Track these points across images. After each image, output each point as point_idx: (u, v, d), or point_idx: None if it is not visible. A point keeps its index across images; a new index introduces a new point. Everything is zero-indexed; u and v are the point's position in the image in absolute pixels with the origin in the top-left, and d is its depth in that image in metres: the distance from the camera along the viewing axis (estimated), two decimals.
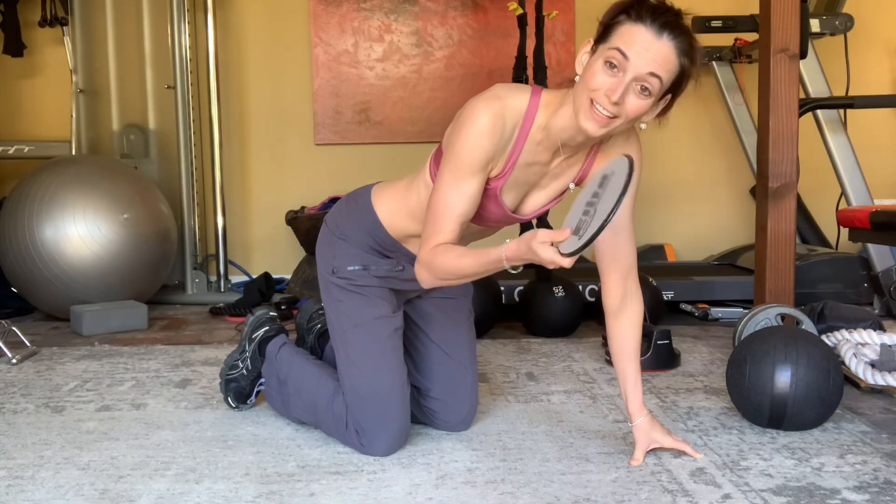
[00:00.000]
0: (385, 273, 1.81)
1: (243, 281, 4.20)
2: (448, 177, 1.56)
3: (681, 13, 1.47)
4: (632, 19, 1.44)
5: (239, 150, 4.35)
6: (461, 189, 1.56)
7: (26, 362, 2.69)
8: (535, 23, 3.16)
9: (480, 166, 1.56)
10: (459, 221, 1.57)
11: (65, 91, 4.22)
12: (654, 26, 1.43)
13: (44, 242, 3.31)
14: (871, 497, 1.51)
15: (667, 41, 1.44)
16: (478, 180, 1.57)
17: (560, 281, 3.05)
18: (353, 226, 1.82)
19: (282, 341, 2.03)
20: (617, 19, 1.46)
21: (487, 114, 1.54)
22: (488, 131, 1.54)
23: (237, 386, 2.06)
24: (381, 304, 1.81)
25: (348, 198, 1.89)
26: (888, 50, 4.30)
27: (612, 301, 1.72)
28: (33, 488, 1.61)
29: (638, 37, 1.44)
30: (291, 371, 1.94)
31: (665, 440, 1.72)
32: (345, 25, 4.31)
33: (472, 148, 1.54)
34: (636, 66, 1.44)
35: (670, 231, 4.29)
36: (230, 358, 2.09)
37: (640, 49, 1.43)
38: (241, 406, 2.08)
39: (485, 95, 1.58)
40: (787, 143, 2.60)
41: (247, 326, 2.09)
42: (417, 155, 4.32)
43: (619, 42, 1.45)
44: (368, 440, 1.75)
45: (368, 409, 1.75)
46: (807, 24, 2.85)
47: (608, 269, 1.71)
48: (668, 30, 1.44)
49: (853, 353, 2.27)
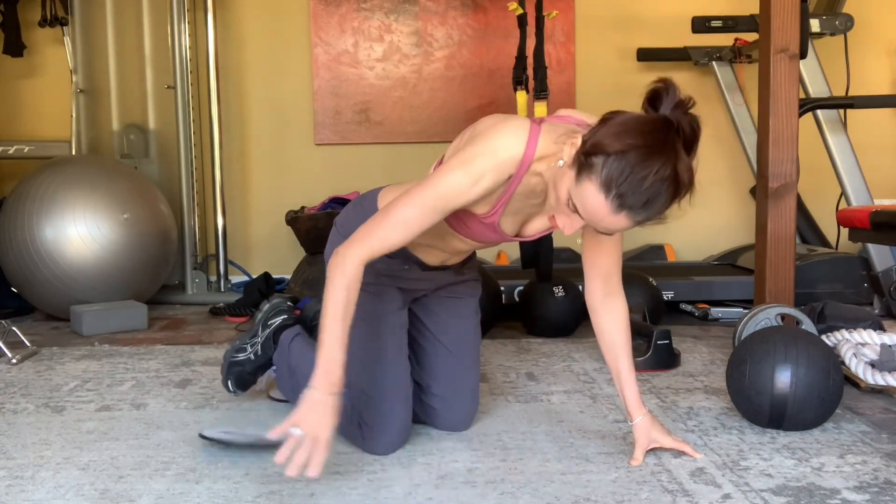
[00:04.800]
0: (392, 272, 1.81)
1: (243, 281, 4.20)
2: (418, 199, 1.53)
3: (662, 180, 1.35)
4: (599, 181, 1.36)
5: (239, 150, 4.36)
6: (422, 216, 1.53)
7: (26, 362, 2.69)
8: (535, 23, 3.16)
9: (452, 209, 1.55)
10: (401, 241, 1.55)
11: (65, 91, 4.22)
12: (613, 203, 1.37)
13: (44, 242, 3.31)
14: (871, 497, 1.51)
15: (624, 217, 1.38)
16: (436, 216, 1.55)
17: (560, 281, 3.05)
18: (359, 226, 1.82)
19: (297, 331, 2.04)
20: (592, 161, 1.37)
21: (476, 170, 1.51)
22: (471, 185, 1.52)
23: (240, 370, 2.06)
24: (388, 301, 1.82)
25: (356, 200, 1.90)
26: (888, 50, 4.30)
27: (594, 300, 1.75)
28: (33, 488, 1.61)
29: (594, 206, 1.39)
30: (301, 363, 1.93)
31: (665, 440, 1.72)
32: (345, 25, 4.31)
33: (454, 194, 1.52)
34: (590, 222, 1.43)
35: (670, 231, 4.28)
36: (239, 340, 2.09)
37: (594, 218, 1.41)
38: (238, 392, 2.08)
39: (481, 149, 1.53)
40: (787, 143, 2.60)
41: (261, 313, 2.09)
42: (417, 155, 4.37)
43: (578, 199, 1.40)
44: (370, 436, 1.76)
45: (371, 406, 1.76)
46: (807, 24, 2.85)
47: (589, 271, 1.75)
48: (627, 210, 1.37)
49: (853, 353, 2.27)
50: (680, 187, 1.38)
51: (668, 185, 1.36)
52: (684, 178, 1.38)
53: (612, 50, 4.32)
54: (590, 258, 1.75)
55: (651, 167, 1.34)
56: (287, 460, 1.41)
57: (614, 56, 4.32)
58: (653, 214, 1.40)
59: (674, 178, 1.36)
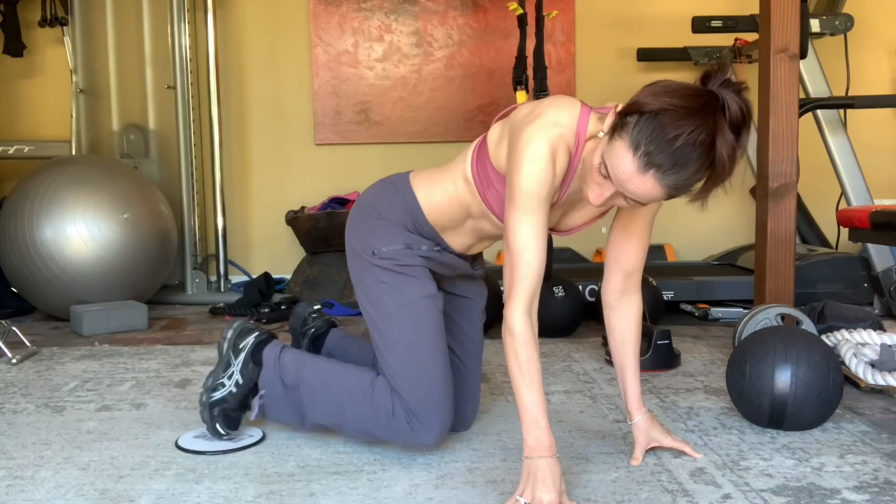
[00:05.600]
0: (427, 253, 1.76)
1: (243, 281, 4.20)
2: (517, 214, 1.48)
3: (694, 141, 1.30)
4: (629, 138, 1.34)
5: (239, 150, 4.36)
6: (532, 223, 1.48)
7: (26, 362, 2.69)
8: (535, 23, 3.16)
9: (547, 197, 1.50)
10: (539, 258, 1.49)
11: (65, 91, 4.23)
12: (641, 161, 1.33)
13: (44, 242, 3.32)
14: (871, 497, 1.51)
15: (651, 178, 1.34)
16: (545, 212, 1.51)
17: (560, 281, 3.05)
18: (391, 206, 1.77)
19: (280, 345, 1.86)
20: (626, 120, 1.35)
21: (546, 145, 1.48)
22: (550, 162, 1.48)
23: (225, 408, 1.84)
24: (427, 282, 1.75)
25: (384, 182, 1.83)
26: (888, 50, 4.31)
27: (610, 296, 1.73)
28: (33, 488, 1.61)
29: (622, 165, 1.35)
30: (304, 373, 1.79)
31: (664, 439, 1.72)
32: (345, 25, 4.31)
33: (538, 182, 1.48)
34: (618, 186, 1.39)
35: (670, 231, 4.29)
36: (211, 379, 1.86)
37: (622, 179, 1.37)
38: (231, 433, 1.85)
39: (539, 124, 1.50)
40: (787, 143, 2.60)
41: (226, 341, 1.87)
42: (418, 155, 4.37)
43: (608, 159, 1.37)
44: (422, 427, 1.68)
45: (423, 395, 1.68)
46: (807, 24, 2.85)
47: (611, 267, 1.72)
48: (654, 169, 1.33)
49: (853, 353, 2.27)
50: (716, 161, 1.32)
51: (701, 152, 1.31)
52: (722, 152, 1.31)
53: (612, 50, 4.33)
54: (614, 251, 1.71)
55: (684, 128, 1.30)
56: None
57: (614, 56, 4.33)
58: (682, 181, 1.34)
59: (709, 146, 1.31)
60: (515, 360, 1.47)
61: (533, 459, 1.44)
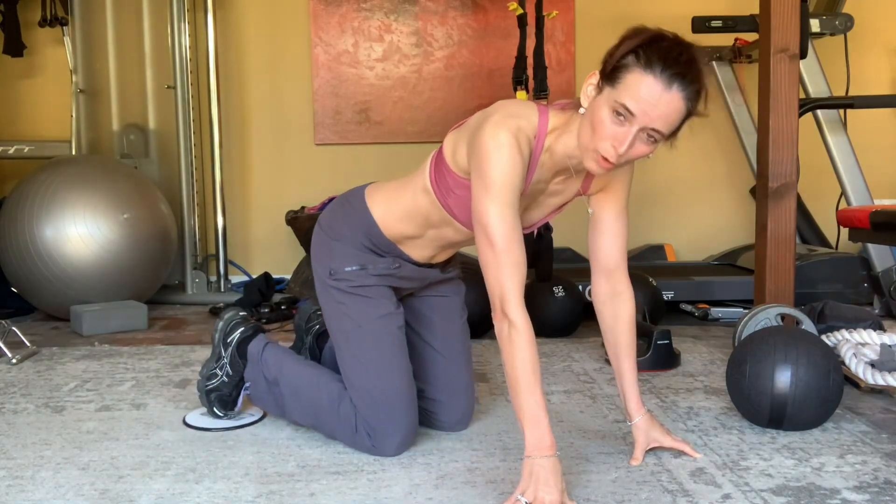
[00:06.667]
0: (383, 271, 1.80)
1: (243, 281, 4.20)
2: (493, 207, 1.48)
3: (693, 56, 1.41)
4: (640, 66, 1.38)
5: (239, 150, 4.36)
6: (510, 215, 1.49)
7: (26, 362, 2.69)
8: (535, 23, 3.16)
9: (519, 187, 1.51)
10: (522, 249, 1.51)
11: (65, 91, 4.22)
12: (663, 77, 1.38)
13: (44, 242, 3.31)
14: (871, 497, 1.51)
15: (676, 92, 1.39)
16: (518, 202, 1.51)
17: (560, 281, 3.05)
18: (348, 226, 1.81)
19: (264, 341, 1.96)
20: (624, 62, 1.40)
21: (509, 134, 1.50)
22: (516, 149, 1.50)
23: (219, 394, 1.98)
24: (383, 302, 1.80)
25: (341, 199, 1.88)
26: (888, 50, 4.30)
27: (599, 297, 1.76)
28: (33, 488, 1.61)
29: (645, 90, 1.38)
30: (283, 372, 1.89)
31: (664, 439, 1.72)
32: (345, 25, 4.31)
33: (510, 169, 1.49)
34: (642, 121, 1.40)
35: (670, 231, 4.29)
36: (205, 369, 2.01)
37: (647, 106, 1.39)
38: (228, 413, 1.99)
39: (497, 118, 1.52)
40: (787, 143, 2.60)
41: (217, 332, 2.00)
42: (417, 155, 4.32)
43: (626, 96, 1.39)
44: (380, 441, 1.74)
45: (378, 410, 1.74)
46: (807, 24, 2.85)
47: (594, 266, 1.75)
48: (678, 80, 1.38)
49: (853, 353, 2.27)
50: (704, 76, 1.43)
51: (700, 64, 1.42)
52: (703, 67, 1.44)
53: None
54: (591, 250, 1.74)
55: (681, 45, 1.41)
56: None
57: None
58: (696, 92, 1.41)
59: (699, 59, 1.42)
60: (515, 358, 1.49)
61: (534, 458, 1.44)
